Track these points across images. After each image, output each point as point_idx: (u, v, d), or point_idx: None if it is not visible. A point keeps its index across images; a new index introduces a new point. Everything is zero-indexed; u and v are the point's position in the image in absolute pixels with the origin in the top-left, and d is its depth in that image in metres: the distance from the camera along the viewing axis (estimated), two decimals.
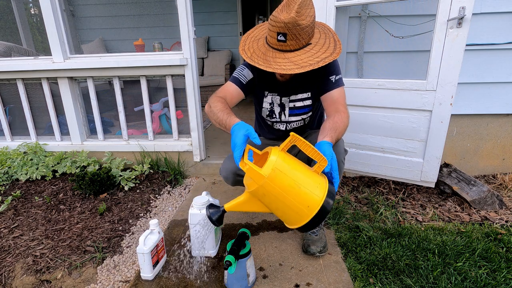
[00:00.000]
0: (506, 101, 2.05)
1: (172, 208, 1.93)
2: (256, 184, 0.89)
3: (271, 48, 1.16)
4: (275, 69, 1.11)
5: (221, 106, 1.19)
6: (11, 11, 3.38)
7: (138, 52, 2.55)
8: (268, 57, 1.15)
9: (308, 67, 1.09)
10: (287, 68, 1.10)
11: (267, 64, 1.13)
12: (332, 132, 1.11)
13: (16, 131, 2.57)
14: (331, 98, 1.29)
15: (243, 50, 1.22)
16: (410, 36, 1.96)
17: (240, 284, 1.19)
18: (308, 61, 1.11)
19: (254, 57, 1.17)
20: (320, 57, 1.13)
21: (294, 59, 1.12)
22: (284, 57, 1.13)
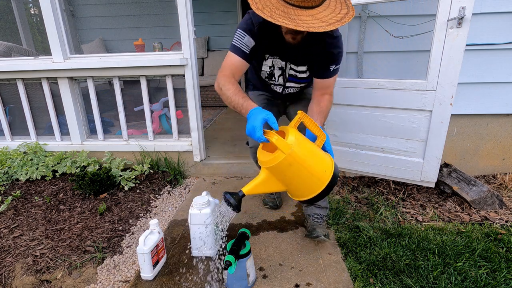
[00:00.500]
0: (506, 101, 2.05)
1: (172, 208, 1.93)
2: (283, 155, 0.95)
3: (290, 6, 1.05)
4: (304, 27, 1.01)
5: (234, 89, 1.20)
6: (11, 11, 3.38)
7: (138, 52, 2.55)
8: (290, 14, 1.03)
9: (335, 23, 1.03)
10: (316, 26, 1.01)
11: (294, 22, 1.01)
12: (320, 117, 1.29)
13: (16, 131, 2.57)
14: (323, 84, 1.35)
15: (258, 9, 1.04)
16: (410, 36, 1.96)
17: (240, 284, 1.19)
18: (333, 17, 1.05)
19: (275, 16, 1.02)
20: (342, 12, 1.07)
21: (319, 16, 1.04)
22: (308, 14, 1.04)
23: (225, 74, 1.26)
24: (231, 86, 1.21)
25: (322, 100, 1.34)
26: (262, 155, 1.02)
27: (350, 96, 1.95)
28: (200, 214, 1.35)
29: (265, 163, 1.00)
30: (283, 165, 0.97)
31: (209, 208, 1.37)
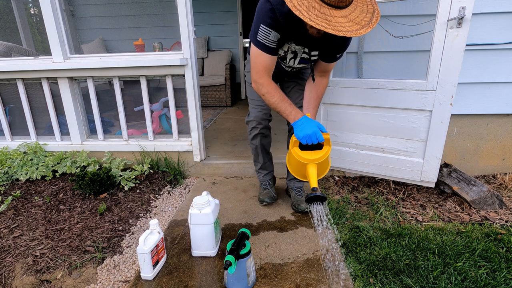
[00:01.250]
0: (506, 101, 2.05)
1: (172, 208, 1.93)
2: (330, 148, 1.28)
3: (326, 5, 1.05)
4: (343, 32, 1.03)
5: (278, 96, 1.34)
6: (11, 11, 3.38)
7: (138, 52, 2.55)
8: (327, 16, 1.04)
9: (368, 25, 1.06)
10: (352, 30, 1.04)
11: (332, 27, 1.03)
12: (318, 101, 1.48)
13: (16, 131, 2.57)
14: (326, 67, 1.46)
15: (294, 7, 1.05)
16: (410, 36, 1.96)
17: (240, 284, 1.19)
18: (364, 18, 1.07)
19: (313, 17, 1.03)
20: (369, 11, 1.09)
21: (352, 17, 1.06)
22: (343, 15, 1.05)
23: (262, 76, 1.34)
24: (274, 92, 1.33)
25: (321, 85, 1.48)
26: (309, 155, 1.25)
27: (350, 96, 1.95)
28: (200, 214, 1.35)
29: (318, 159, 1.24)
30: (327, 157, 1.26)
31: (209, 208, 1.37)
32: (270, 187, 1.90)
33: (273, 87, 1.34)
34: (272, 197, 1.85)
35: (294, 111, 1.31)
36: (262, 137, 1.75)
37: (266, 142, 1.81)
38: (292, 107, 1.32)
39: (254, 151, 1.85)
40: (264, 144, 1.80)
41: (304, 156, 1.24)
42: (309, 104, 1.46)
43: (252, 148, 1.84)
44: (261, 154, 1.84)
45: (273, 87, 1.34)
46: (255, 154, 1.85)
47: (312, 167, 1.22)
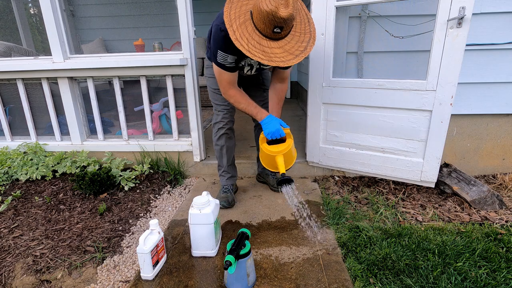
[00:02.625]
0: (506, 101, 2.05)
1: (172, 208, 1.93)
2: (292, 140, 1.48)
3: (264, 37, 1.22)
4: (277, 62, 1.20)
5: (245, 102, 1.53)
6: (11, 11, 3.38)
7: (138, 52, 2.55)
8: (265, 47, 1.21)
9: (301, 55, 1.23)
10: (286, 60, 1.20)
11: (268, 58, 1.20)
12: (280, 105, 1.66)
13: (16, 131, 2.57)
14: (283, 73, 1.61)
15: (237, 39, 1.22)
16: (410, 36, 1.96)
17: (240, 284, 1.19)
18: (298, 48, 1.24)
19: (252, 49, 1.21)
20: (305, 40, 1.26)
21: (287, 47, 1.22)
22: (279, 46, 1.22)
23: (229, 89, 1.52)
24: (241, 99, 1.53)
25: (281, 89, 1.64)
26: (275, 148, 1.46)
27: (350, 96, 1.95)
28: (200, 214, 1.35)
29: (283, 150, 1.43)
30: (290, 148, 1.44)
31: (209, 208, 1.37)
32: (229, 192, 1.92)
33: (239, 96, 1.53)
34: (229, 202, 1.86)
35: (259, 112, 1.51)
36: (227, 138, 1.85)
37: (231, 144, 1.89)
38: (257, 109, 1.52)
39: (218, 153, 1.91)
40: (228, 146, 1.88)
41: (271, 149, 1.45)
42: (273, 107, 1.65)
43: (216, 150, 1.91)
44: (225, 156, 1.89)
45: (239, 95, 1.54)
46: (219, 156, 1.91)
47: (280, 157, 1.42)
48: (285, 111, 4.09)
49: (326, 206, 1.84)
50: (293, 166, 1.87)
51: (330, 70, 1.95)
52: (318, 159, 2.21)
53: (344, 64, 2.13)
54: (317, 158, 2.20)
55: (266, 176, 2.13)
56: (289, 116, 3.81)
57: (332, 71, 1.96)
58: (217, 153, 1.93)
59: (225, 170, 1.95)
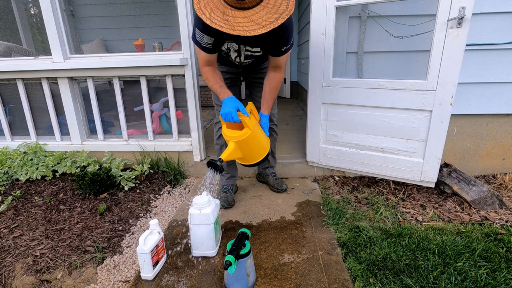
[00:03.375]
0: (506, 101, 2.05)
1: (172, 208, 1.93)
2: (249, 131, 1.34)
3: (229, 6, 1.14)
4: (238, 31, 1.11)
5: (213, 80, 1.49)
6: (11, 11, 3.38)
7: (138, 52, 2.55)
8: (228, 16, 1.13)
9: (269, 25, 1.12)
10: (249, 29, 1.11)
11: (229, 26, 1.12)
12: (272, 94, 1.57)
13: (16, 131, 2.57)
14: (275, 62, 1.52)
15: (199, 9, 1.16)
16: (410, 36, 1.96)
17: (240, 284, 1.19)
18: (268, 18, 1.13)
19: (214, 18, 1.14)
20: (278, 12, 1.14)
21: (254, 18, 1.13)
22: (244, 16, 1.12)
23: (203, 66, 1.50)
24: (211, 77, 1.49)
25: (273, 79, 1.56)
26: (230, 132, 1.38)
27: (350, 96, 1.95)
28: (200, 214, 1.35)
29: (235, 137, 1.34)
30: (248, 139, 1.34)
31: (210, 208, 1.37)
32: (229, 192, 1.92)
33: (210, 74, 1.50)
34: (229, 202, 1.86)
35: (223, 92, 1.45)
36: None
37: None
38: (222, 88, 1.47)
39: (218, 152, 1.92)
40: None
41: (226, 132, 1.40)
42: (264, 96, 1.59)
43: (216, 148, 1.93)
44: None
45: (210, 73, 1.50)
46: (219, 154, 1.91)
47: (232, 144, 1.36)
48: (285, 111, 4.09)
49: (326, 206, 1.84)
50: (292, 166, 1.88)
51: (330, 70, 1.95)
52: (318, 159, 2.21)
53: (344, 64, 2.13)
54: (317, 158, 2.20)
55: (266, 176, 2.14)
56: (289, 116, 3.81)
57: (332, 71, 1.96)
58: (217, 152, 1.93)
59: (224, 169, 1.95)
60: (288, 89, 5.21)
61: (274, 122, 1.92)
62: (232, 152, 1.36)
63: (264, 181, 2.18)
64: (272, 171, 2.13)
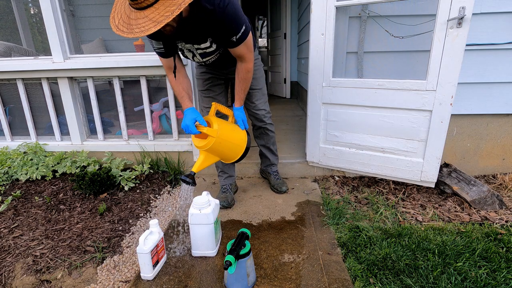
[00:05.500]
0: (506, 101, 2.05)
1: (172, 208, 1.93)
2: (213, 139, 1.34)
3: (133, 9, 1.09)
4: (136, 33, 1.07)
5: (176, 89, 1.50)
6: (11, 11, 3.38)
7: (138, 52, 2.54)
8: (131, 19, 1.09)
9: (164, 20, 1.04)
10: (145, 29, 1.05)
11: (130, 30, 1.08)
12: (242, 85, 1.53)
13: (16, 131, 2.57)
14: (234, 53, 1.43)
15: (112, 17, 1.13)
16: (410, 36, 1.96)
17: (240, 284, 1.19)
18: (165, 13, 1.05)
19: (120, 25, 1.11)
20: (177, 3, 1.06)
21: (152, 15, 1.06)
22: (144, 16, 1.07)
23: (168, 74, 1.50)
24: (175, 86, 1.50)
25: (240, 70, 1.50)
26: (198, 142, 1.39)
27: (350, 96, 1.95)
28: (200, 214, 1.35)
29: (202, 147, 1.36)
30: (215, 145, 1.35)
31: (210, 208, 1.37)
32: (228, 192, 1.92)
33: (173, 83, 1.50)
34: (228, 202, 1.86)
35: (183, 103, 1.47)
36: None
37: None
38: (183, 99, 1.47)
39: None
40: None
41: (194, 142, 1.43)
42: (235, 89, 1.58)
43: None
44: None
45: (173, 82, 1.50)
46: None
47: (201, 153, 1.38)
48: (285, 111, 4.09)
49: (326, 206, 1.84)
50: (292, 166, 1.88)
51: (330, 70, 1.95)
52: (318, 159, 2.21)
53: (344, 64, 2.13)
54: (317, 158, 2.20)
55: (268, 174, 2.14)
56: (289, 116, 3.81)
57: (332, 71, 1.96)
58: None
59: (222, 170, 1.95)
60: (288, 89, 5.21)
61: (266, 122, 1.88)
62: (204, 161, 1.37)
63: (266, 178, 2.19)
64: (274, 169, 2.12)
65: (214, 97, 1.79)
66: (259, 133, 1.96)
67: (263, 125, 1.89)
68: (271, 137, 1.98)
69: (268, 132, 1.95)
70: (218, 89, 1.80)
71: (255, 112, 1.83)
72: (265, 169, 2.17)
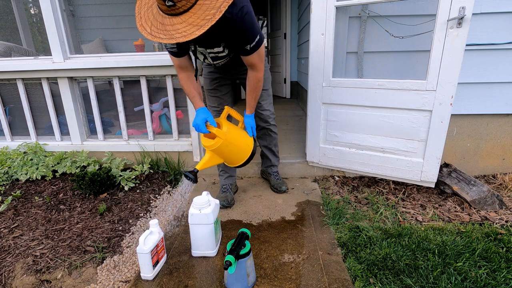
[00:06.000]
0: (506, 101, 2.05)
1: (172, 208, 1.93)
2: (221, 140, 1.37)
3: (167, 15, 1.09)
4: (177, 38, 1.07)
5: (188, 89, 1.50)
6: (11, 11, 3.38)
7: (138, 52, 2.55)
8: (167, 26, 1.09)
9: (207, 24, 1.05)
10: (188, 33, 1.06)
11: (168, 36, 1.08)
12: (252, 94, 1.55)
13: (16, 131, 2.57)
14: (246, 61, 1.45)
15: (141, 25, 1.13)
16: (410, 36, 1.96)
17: (240, 284, 1.19)
18: (205, 17, 1.06)
19: (154, 31, 1.10)
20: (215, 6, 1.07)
21: (191, 20, 1.07)
22: (182, 21, 1.07)
23: (179, 73, 1.51)
24: (185, 85, 1.51)
25: (251, 79, 1.51)
26: (205, 141, 1.43)
27: (350, 96, 1.95)
28: (200, 214, 1.35)
29: (209, 147, 1.39)
30: (222, 146, 1.39)
31: (210, 208, 1.37)
32: (228, 192, 1.92)
33: (184, 81, 1.51)
34: (228, 202, 1.86)
35: (195, 102, 1.49)
36: None
37: None
38: (195, 99, 1.49)
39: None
40: None
41: (202, 141, 1.46)
42: (247, 96, 1.59)
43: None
44: None
45: (184, 81, 1.51)
46: None
47: (207, 152, 1.41)
48: (285, 111, 4.09)
49: (326, 206, 1.84)
50: (292, 166, 1.89)
51: (330, 70, 1.95)
52: (318, 159, 2.21)
53: (344, 64, 2.13)
54: (317, 158, 2.20)
55: (268, 175, 2.15)
56: (289, 116, 3.81)
57: (332, 71, 1.96)
58: None
59: (222, 169, 1.96)
60: (288, 89, 5.21)
61: (270, 123, 1.89)
62: (209, 160, 1.40)
63: (267, 178, 2.19)
64: (274, 170, 2.13)
65: (220, 96, 1.80)
66: (262, 134, 1.96)
67: (267, 126, 1.90)
68: (273, 138, 1.98)
69: (271, 133, 1.95)
70: (225, 89, 1.80)
71: (260, 112, 1.83)
72: (265, 169, 2.17)
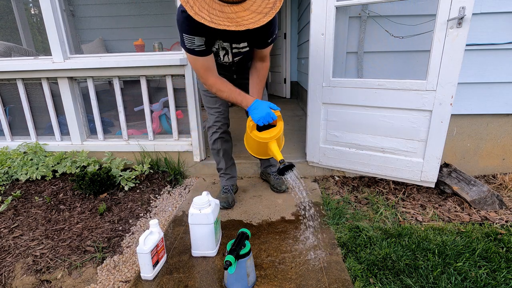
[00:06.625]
0: (506, 101, 2.05)
1: (172, 208, 1.93)
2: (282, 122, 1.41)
3: (225, 3, 1.07)
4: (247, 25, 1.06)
5: (227, 89, 1.41)
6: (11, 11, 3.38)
7: (138, 52, 2.55)
8: (229, 14, 1.07)
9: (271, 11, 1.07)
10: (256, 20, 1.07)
11: (235, 23, 1.06)
12: (262, 84, 1.57)
13: (16, 131, 2.57)
14: (262, 53, 1.50)
15: (196, 13, 1.07)
16: (410, 36, 1.96)
17: (240, 284, 1.19)
18: (266, 5, 1.08)
19: (215, 18, 1.07)
20: None
21: (254, 8, 1.08)
22: (245, 9, 1.07)
23: (208, 78, 1.41)
24: (223, 87, 1.41)
25: (262, 68, 1.54)
26: (265, 134, 1.38)
27: (350, 96, 1.95)
28: (200, 214, 1.35)
29: (276, 135, 1.36)
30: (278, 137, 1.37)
31: (210, 208, 1.37)
32: (229, 193, 1.92)
33: (220, 83, 1.42)
34: (229, 203, 1.86)
35: (244, 99, 1.40)
36: (223, 141, 1.86)
37: (228, 147, 1.90)
38: (241, 96, 1.41)
39: (215, 156, 1.92)
40: (225, 148, 1.89)
41: (264, 136, 1.36)
42: (253, 87, 1.56)
43: (213, 153, 1.92)
44: (223, 159, 1.91)
45: (220, 83, 1.42)
46: (217, 159, 1.93)
47: (273, 143, 1.35)
48: (285, 111, 4.08)
49: (326, 206, 1.84)
50: None
51: (330, 70, 1.95)
52: (318, 159, 2.21)
53: (344, 64, 2.13)
54: (317, 158, 2.20)
55: (268, 175, 2.15)
56: (289, 116, 3.81)
57: (332, 71, 1.96)
58: (214, 157, 1.94)
59: (224, 171, 1.96)
60: (288, 89, 5.21)
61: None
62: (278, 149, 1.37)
63: (266, 179, 2.18)
64: (274, 170, 2.13)
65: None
66: None
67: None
68: None
69: None
70: None
71: None
72: (264, 170, 2.18)
